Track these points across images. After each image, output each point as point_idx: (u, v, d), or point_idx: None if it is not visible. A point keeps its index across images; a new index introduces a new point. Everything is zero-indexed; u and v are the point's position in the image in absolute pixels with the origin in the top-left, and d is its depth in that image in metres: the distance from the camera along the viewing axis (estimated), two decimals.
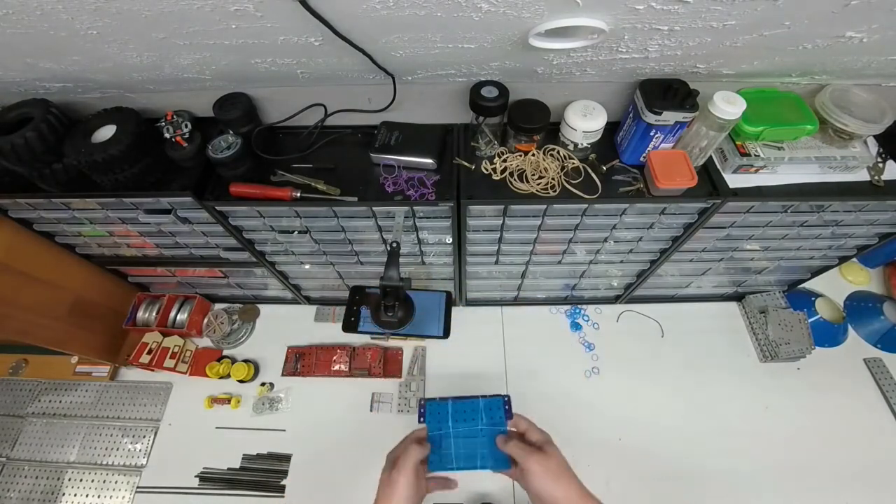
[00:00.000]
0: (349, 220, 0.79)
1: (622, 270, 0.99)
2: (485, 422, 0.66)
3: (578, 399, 1.02)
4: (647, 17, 0.54)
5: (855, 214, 0.79)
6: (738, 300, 1.16)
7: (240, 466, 0.96)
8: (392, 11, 0.53)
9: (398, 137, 0.75)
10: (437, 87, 0.72)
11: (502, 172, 0.73)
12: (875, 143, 0.76)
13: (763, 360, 1.07)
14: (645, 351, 1.09)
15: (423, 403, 0.68)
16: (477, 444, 0.64)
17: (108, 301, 1.07)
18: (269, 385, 1.05)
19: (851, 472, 0.93)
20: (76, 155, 0.68)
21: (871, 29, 0.55)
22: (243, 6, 0.53)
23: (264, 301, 1.19)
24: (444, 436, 0.65)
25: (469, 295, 1.11)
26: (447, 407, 0.68)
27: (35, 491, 0.95)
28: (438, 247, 0.89)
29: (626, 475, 0.93)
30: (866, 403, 1.01)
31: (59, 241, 0.92)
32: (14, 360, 1.11)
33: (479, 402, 0.68)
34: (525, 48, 0.59)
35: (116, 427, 1.02)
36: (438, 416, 0.67)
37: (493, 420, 0.66)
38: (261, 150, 0.77)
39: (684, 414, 1.00)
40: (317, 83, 0.71)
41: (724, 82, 0.70)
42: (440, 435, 0.65)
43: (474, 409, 0.67)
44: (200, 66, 0.67)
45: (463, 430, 0.66)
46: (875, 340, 1.09)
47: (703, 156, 0.72)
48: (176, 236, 0.87)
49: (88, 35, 0.58)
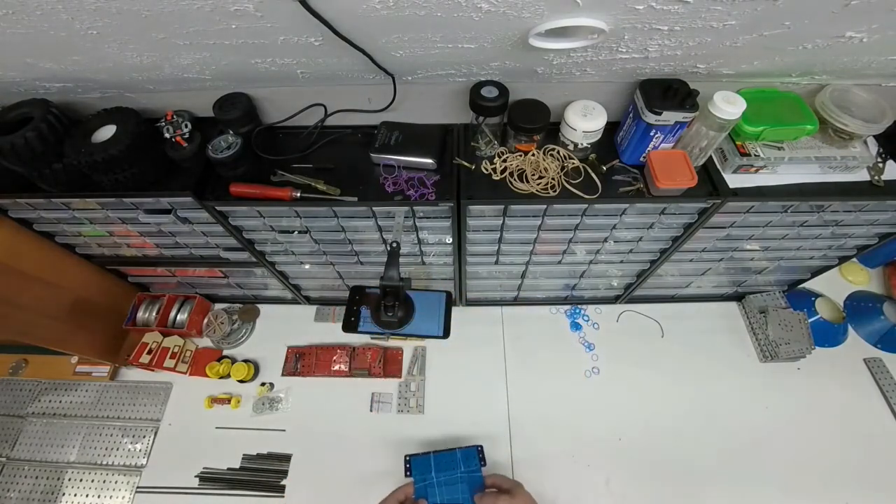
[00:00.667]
0: (349, 220, 0.79)
1: (622, 270, 0.99)
2: (462, 470, 0.78)
3: (578, 399, 1.02)
4: (647, 17, 0.54)
5: (855, 214, 0.79)
6: (738, 300, 1.16)
7: (240, 466, 0.96)
8: (392, 11, 0.53)
9: (398, 137, 0.75)
10: (437, 87, 0.72)
11: (502, 172, 0.73)
12: (875, 143, 0.76)
13: (763, 360, 1.07)
14: (645, 351, 1.09)
15: (408, 459, 0.80)
16: (458, 491, 0.75)
17: (108, 301, 1.07)
18: (269, 385, 1.05)
19: (851, 472, 0.93)
20: (76, 155, 0.68)
21: (871, 29, 0.55)
22: (243, 6, 0.53)
23: (264, 301, 1.19)
24: (428, 486, 0.76)
25: (469, 295, 1.11)
26: (429, 460, 0.80)
27: (35, 491, 0.95)
28: (438, 247, 0.89)
29: (626, 475, 0.93)
30: (866, 403, 1.01)
31: (59, 241, 0.92)
32: (14, 360, 1.11)
33: (457, 453, 0.80)
34: (525, 48, 0.59)
35: (116, 427, 1.02)
36: (422, 468, 0.79)
37: (469, 468, 0.78)
38: (261, 150, 0.77)
39: (684, 414, 1.00)
40: (317, 83, 0.71)
41: (724, 82, 0.70)
42: (425, 486, 0.76)
43: (452, 459, 0.80)
44: (200, 66, 0.67)
45: (444, 479, 0.77)
46: (875, 340, 1.09)
47: (703, 156, 0.72)
48: (176, 236, 0.87)
49: (88, 35, 0.58)
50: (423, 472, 0.78)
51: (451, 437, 0.98)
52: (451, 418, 1.00)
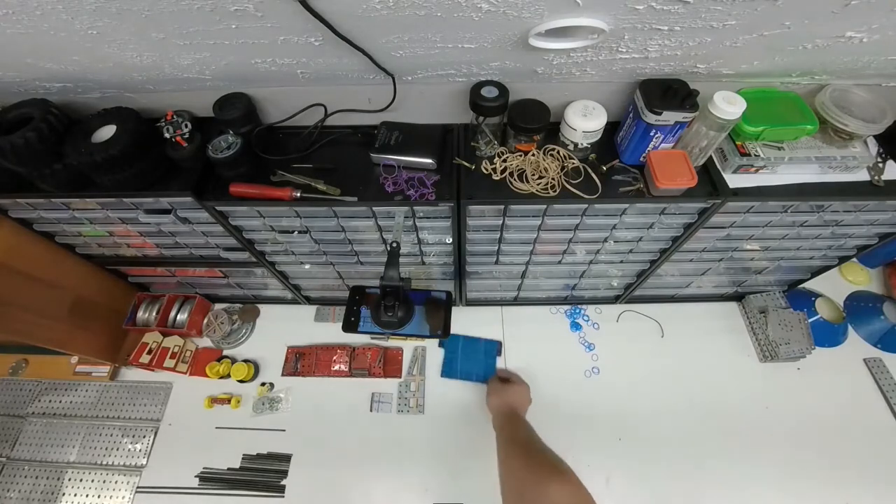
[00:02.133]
0: (349, 220, 0.79)
1: (622, 270, 0.99)
2: (482, 356, 1.08)
3: (578, 399, 1.02)
4: (647, 17, 0.54)
5: (855, 214, 0.79)
6: (738, 300, 1.16)
7: (240, 466, 0.96)
8: (392, 11, 0.53)
9: (398, 137, 0.75)
10: (437, 87, 0.72)
11: (502, 172, 0.73)
12: (875, 143, 0.75)
13: (763, 360, 1.07)
14: (645, 351, 1.09)
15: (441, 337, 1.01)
16: (474, 367, 1.06)
17: (108, 301, 1.07)
18: (269, 385, 1.05)
19: (851, 471, 0.93)
20: (76, 155, 0.68)
21: (871, 29, 0.55)
22: (243, 6, 0.53)
23: (264, 301, 1.19)
24: (454, 358, 1.07)
25: (469, 295, 1.11)
26: (459, 340, 1.10)
27: (35, 491, 0.95)
28: (438, 247, 0.89)
29: (626, 475, 0.93)
30: (866, 403, 1.01)
31: (59, 241, 0.92)
32: (14, 360, 1.11)
33: (481, 343, 1.10)
34: (525, 48, 0.59)
35: (116, 427, 1.02)
36: (453, 345, 1.09)
37: (487, 357, 1.07)
38: (261, 150, 0.77)
39: (684, 414, 1.00)
40: (317, 83, 0.71)
41: (724, 82, 0.70)
42: (453, 356, 1.07)
43: (476, 346, 1.09)
44: (200, 66, 0.67)
45: (468, 356, 1.07)
46: (875, 340, 1.09)
47: (703, 156, 0.72)
48: (176, 236, 0.87)
49: (88, 35, 0.58)
50: (453, 348, 1.08)
51: (451, 437, 0.98)
52: (450, 418, 1.00)
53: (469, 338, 1.09)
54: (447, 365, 1.06)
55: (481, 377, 1.04)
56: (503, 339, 1.11)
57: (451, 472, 0.94)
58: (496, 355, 1.07)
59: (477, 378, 1.04)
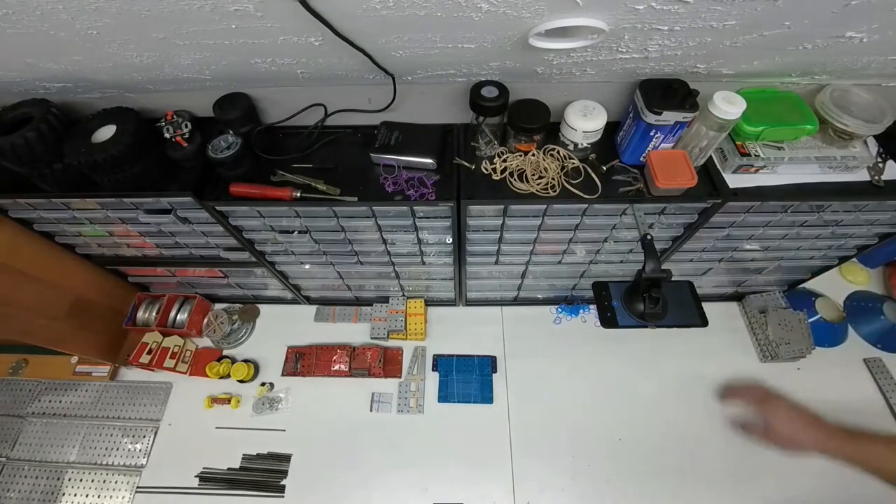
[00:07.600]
0: (349, 220, 0.79)
1: (622, 270, 0.99)
2: (477, 373, 1.04)
3: (578, 399, 1.02)
4: (647, 17, 0.54)
5: (855, 214, 0.79)
6: (738, 300, 1.16)
7: (240, 466, 0.96)
8: (392, 11, 0.53)
9: (398, 137, 0.75)
10: (437, 87, 0.72)
11: (502, 172, 0.73)
12: (875, 143, 0.75)
13: (763, 360, 1.07)
14: (645, 351, 1.09)
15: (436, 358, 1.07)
16: (471, 388, 1.02)
17: (108, 301, 1.07)
18: (269, 385, 1.05)
19: (851, 471, 0.93)
20: (76, 155, 0.68)
21: (871, 29, 0.55)
22: (243, 6, 0.53)
23: (264, 301, 1.19)
24: (449, 381, 1.04)
25: (469, 295, 1.11)
26: (452, 362, 1.06)
27: (35, 491, 0.95)
28: (438, 247, 0.89)
29: (626, 475, 0.93)
30: (866, 403, 1.01)
31: (59, 241, 0.92)
32: (14, 360, 1.11)
33: (475, 360, 1.07)
34: (525, 48, 0.59)
35: (116, 427, 1.02)
36: (446, 367, 1.06)
37: (483, 372, 1.05)
38: (261, 150, 0.77)
39: (684, 414, 1.00)
40: (317, 83, 0.71)
41: (724, 82, 0.70)
42: (447, 380, 1.04)
43: (471, 364, 1.06)
44: (200, 66, 0.67)
45: (462, 378, 1.04)
46: (875, 340, 1.08)
47: (703, 156, 0.72)
48: (176, 236, 0.87)
49: (88, 35, 0.58)
50: (446, 371, 1.05)
51: (451, 437, 0.98)
52: (450, 418, 1.00)
53: (462, 357, 1.07)
54: (442, 388, 1.03)
55: (479, 397, 1.01)
56: (503, 339, 1.11)
57: (451, 473, 0.94)
58: (492, 371, 1.05)
59: (475, 399, 1.01)
